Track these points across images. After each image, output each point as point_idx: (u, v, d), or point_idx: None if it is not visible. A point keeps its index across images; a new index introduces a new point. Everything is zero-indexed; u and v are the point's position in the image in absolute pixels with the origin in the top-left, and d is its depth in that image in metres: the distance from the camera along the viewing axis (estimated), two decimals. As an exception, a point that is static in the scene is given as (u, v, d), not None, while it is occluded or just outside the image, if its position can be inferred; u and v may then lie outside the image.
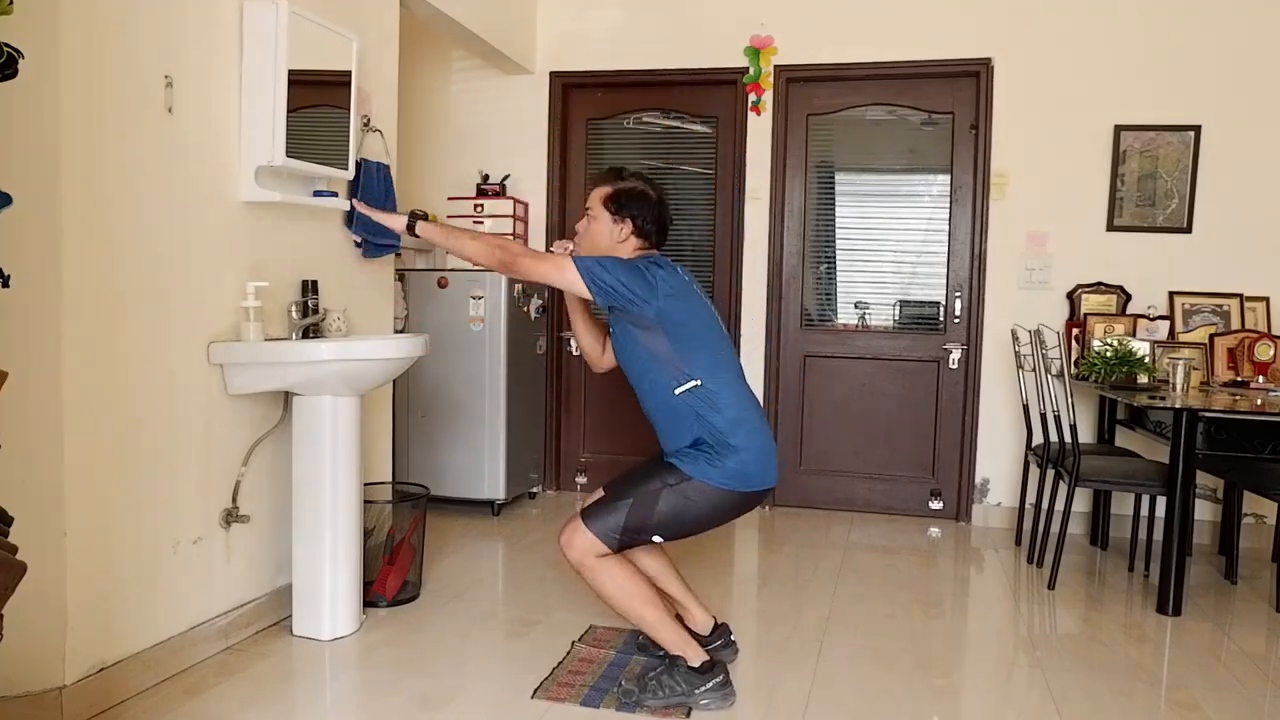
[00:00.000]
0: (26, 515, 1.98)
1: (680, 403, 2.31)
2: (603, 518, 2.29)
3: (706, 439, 2.29)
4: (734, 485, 2.28)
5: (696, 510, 2.29)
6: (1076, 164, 4.13)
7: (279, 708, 2.28)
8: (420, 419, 4.20)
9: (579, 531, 2.30)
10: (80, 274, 2.11)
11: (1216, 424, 3.04)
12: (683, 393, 2.30)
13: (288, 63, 2.58)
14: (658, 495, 2.28)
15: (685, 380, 2.30)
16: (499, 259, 2.35)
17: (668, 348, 2.30)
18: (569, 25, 4.61)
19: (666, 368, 2.31)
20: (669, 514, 2.28)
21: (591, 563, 2.29)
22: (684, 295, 2.32)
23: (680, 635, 2.36)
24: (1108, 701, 2.42)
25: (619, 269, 2.27)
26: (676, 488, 2.28)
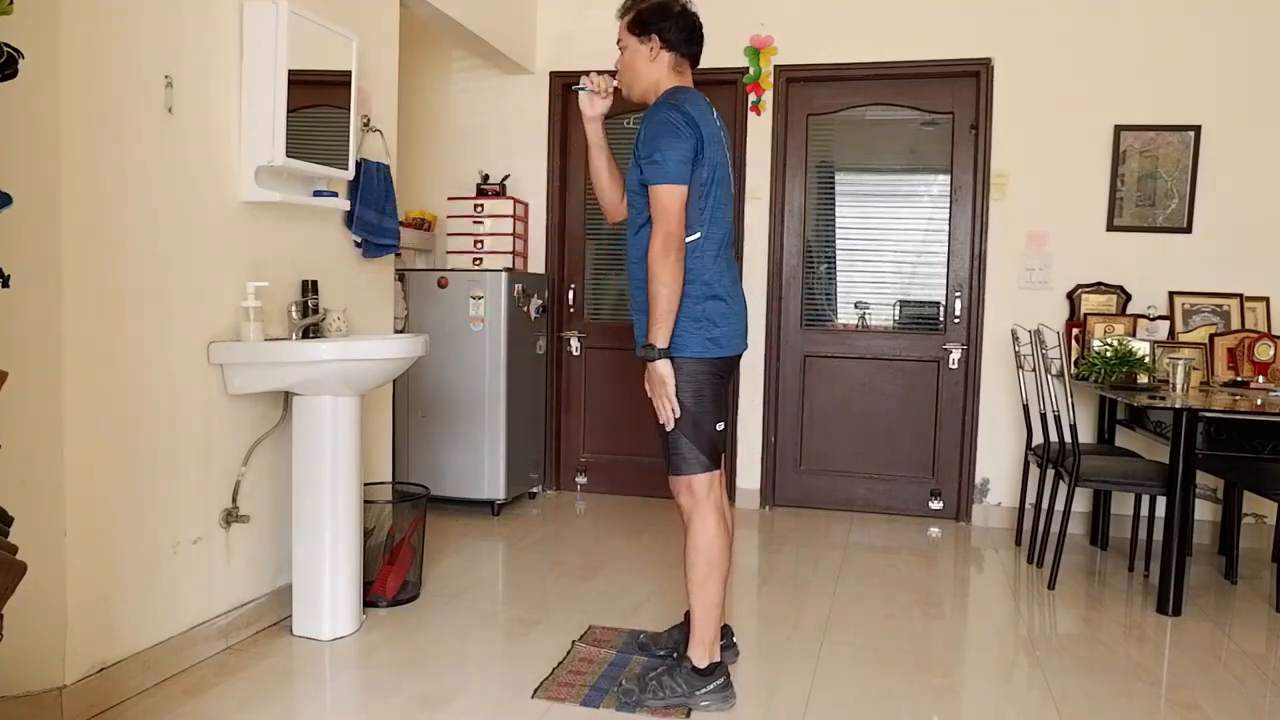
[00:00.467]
0: (26, 515, 1.98)
1: None
2: (675, 457, 2.31)
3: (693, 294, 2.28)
4: (702, 352, 2.28)
5: (702, 380, 2.29)
6: (1076, 164, 4.13)
7: (279, 708, 2.28)
8: (420, 419, 4.20)
9: (677, 480, 2.33)
10: (80, 274, 2.11)
11: (1216, 424, 3.04)
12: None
13: (288, 63, 2.58)
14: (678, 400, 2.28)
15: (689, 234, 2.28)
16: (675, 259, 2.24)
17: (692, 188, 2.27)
18: (569, 25, 4.62)
19: None
20: (695, 400, 2.28)
21: (705, 502, 2.30)
22: (719, 141, 2.35)
23: (717, 630, 2.35)
24: (1108, 701, 2.42)
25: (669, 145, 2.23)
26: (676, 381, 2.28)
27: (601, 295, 4.78)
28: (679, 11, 2.41)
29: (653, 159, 2.24)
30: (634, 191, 2.36)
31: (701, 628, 2.33)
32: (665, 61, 2.41)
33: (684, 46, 2.42)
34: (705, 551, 2.31)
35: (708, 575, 2.31)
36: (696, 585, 2.32)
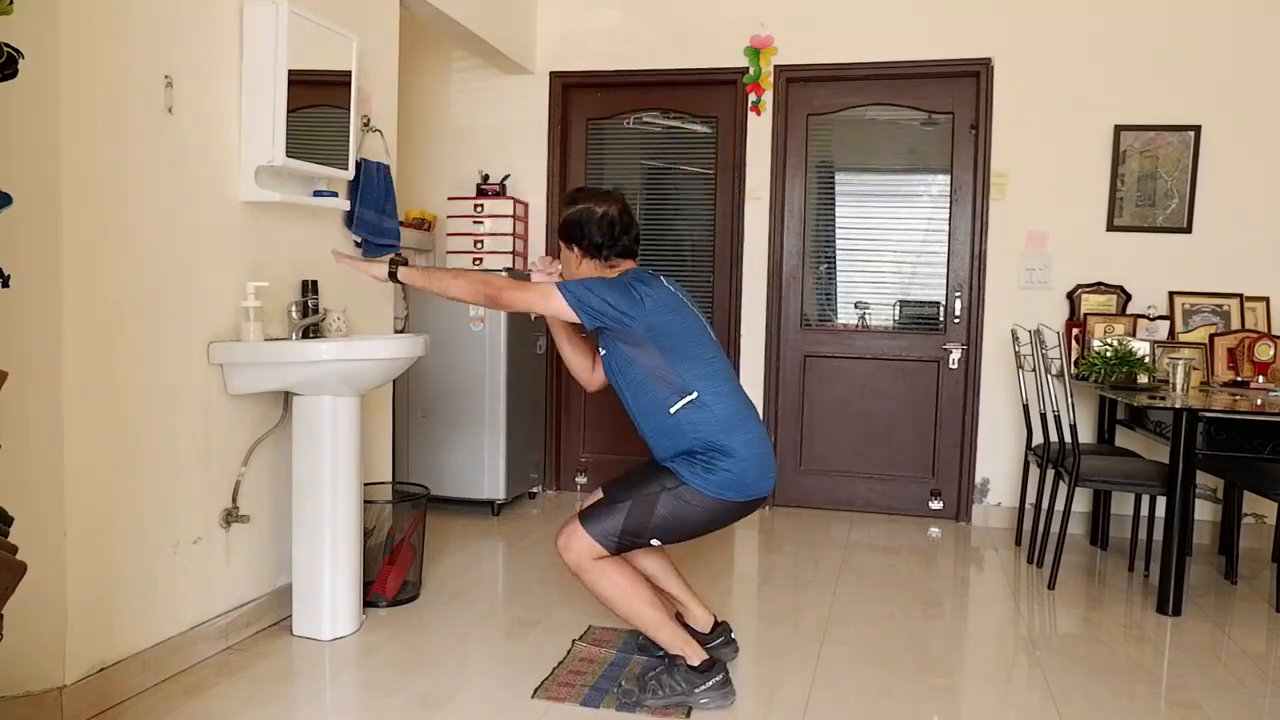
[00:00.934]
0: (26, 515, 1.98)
1: (677, 421, 2.30)
2: (601, 521, 2.29)
3: (701, 450, 2.29)
4: (731, 495, 2.28)
5: (694, 516, 2.29)
6: (1076, 164, 4.13)
7: (279, 708, 2.28)
8: (420, 419, 4.20)
9: (576, 534, 2.30)
10: (80, 274, 2.11)
11: (1216, 424, 3.04)
12: (679, 410, 2.29)
13: (288, 63, 2.58)
14: (656, 499, 2.28)
15: (681, 395, 2.29)
16: (484, 294, 2.33)
17: (661, 361, 2.29)
18: (569, 25, 4.61)
19: (661, 384, 2.30)
20: (668, 518, 2.28)
21: (589, 564, 2.29)
22: (671, 307, 2.32)
23: (679, 635, 2.36)
24: (1108, 701, 2.42)
25: (604, 288, 2.26)
26: (675, 492, 2.28)
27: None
28: (600, 215, 2.41)
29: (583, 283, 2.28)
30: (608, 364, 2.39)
31: (666, 643, 2.35)
32: (590, 267, 2.44)
33: (607, 249, 2.42)
34: (611, 596, 2.31)
35: (629, 610, 2.32)
36: (630, 619, 2.34)
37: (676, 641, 2.34)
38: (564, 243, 2.46)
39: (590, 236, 2.41)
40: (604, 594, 2.32)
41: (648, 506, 2.28)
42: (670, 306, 2.31)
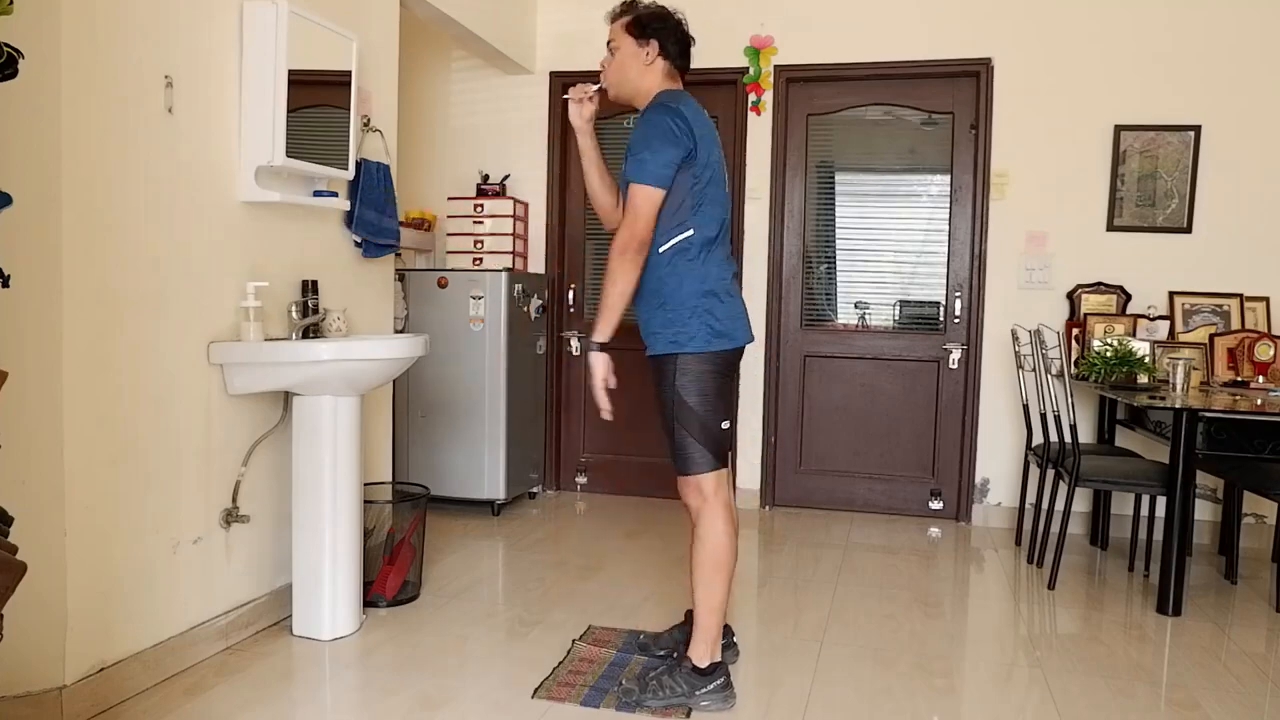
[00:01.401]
0: (26, 515, 1.98)
1: (660, 262, 2.30)
2: (683, 457, 2.32)
3: (672, 303, 2.29)
4: (705, 347, 2.28)
5: (706, 379, 2.29)
6: (1076, 164, 4.13)
7: (279, 708, 2.28)
8: (420, 419, 4.20)
9: (688, 482, 2.33)
10: (80, 274, 2.11)
11: (1216, 424, 3.04)
12: (666, 250, 2.29)
13: (288, 63, 2.58)
14: (680, 400, 2.29)
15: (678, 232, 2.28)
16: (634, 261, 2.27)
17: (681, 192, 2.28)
18: (569, 25, 4.61)
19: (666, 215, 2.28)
20: (699, 398, 2.28)
21: (712, 501, 2.31)
22: (711, 140, 2.34)
23: (720, 632, 2.35)
24: (1108, 701, 2.42)
25: (659, 147, 2.23)
26: (678, 381, 2.29)
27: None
28: (676, 23, 2.42)
29: (639, 157, 2.25)
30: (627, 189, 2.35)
31: (705, 627, 2.33)
32: (660, 68, 2.42)
33: (678, 58, 2.44)
34: (713, 551, 2.31)
35: (713, 575, 2.31)
36: (702, 585, 2.32)
37: (715, 635, 2.33)
38: (637, 37, 2.39)
39: (670, 39, 2.40)
40: (711, 537, 2.31)
41: (684, 412, 2.29)
42: (711, 139, 2.34)
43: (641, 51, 2.40)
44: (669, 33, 2.40)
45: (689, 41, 2.46)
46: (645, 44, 2.40)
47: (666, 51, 2.41)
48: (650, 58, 2.40)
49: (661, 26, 2.39)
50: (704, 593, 2.32)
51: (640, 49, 2.40)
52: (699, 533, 2.33)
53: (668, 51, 2.41)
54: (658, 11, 2.41)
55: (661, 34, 2.39)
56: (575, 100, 2.50)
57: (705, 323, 2.29)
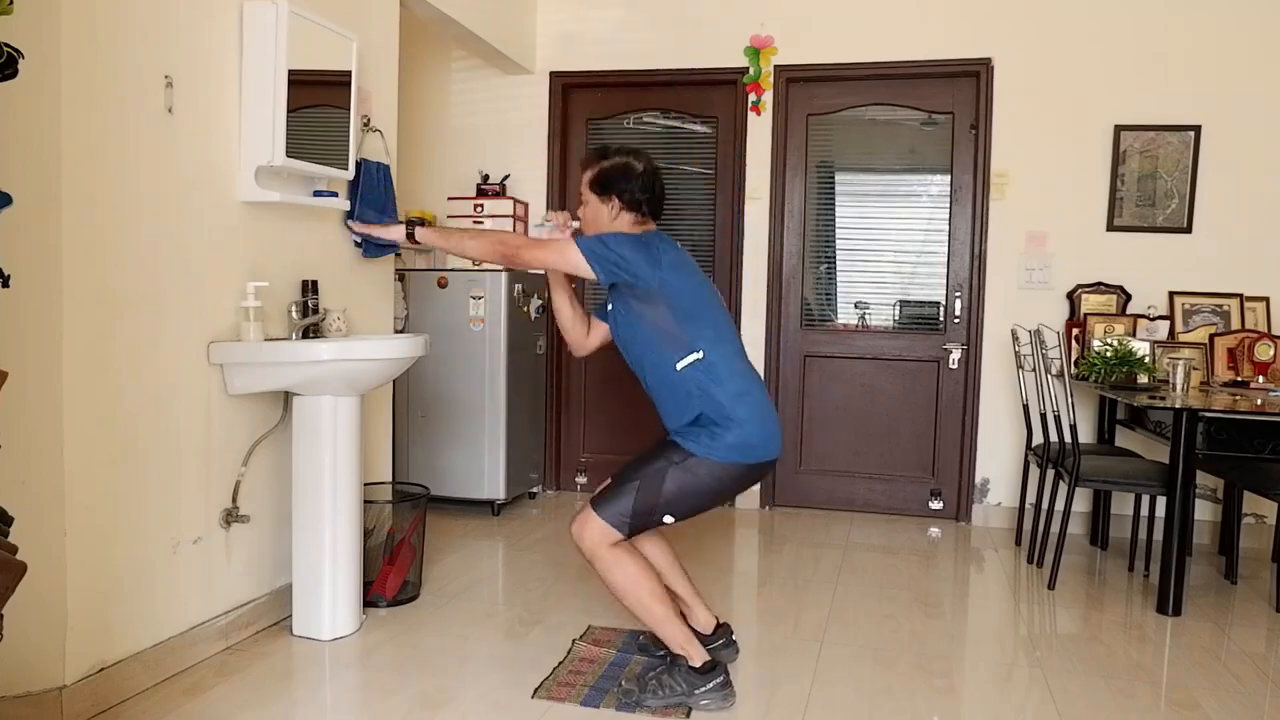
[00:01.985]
0: (26, 515, 1.98)
1: (682, 378, 2.31)
2: (612, 503, 2.30)
3: (708, 414, 2.29)
4: (738, 458, 2.28)
5: (703, 486, 2.29)
6: (1076, 164, 4.13)
7: (279, 708, 2.28)
8: (420, 419, 4.20)
9: (590, 520, 2.31)
10: (80, 274, 2.11)
11: (1216, 424, 3.04)
12: (685, 367, 2.30)
13: (288, 63, 2.58)
14: (664, 474, 2.28)
15: (687, 353, 2.30)
16: (500, 253, 2.39)
17: (670, 320, 2.30)
18: (569, 25, 4.61)
19: (669, 341, 2.31)
20: (676, 492, 2.28)
21: (604, 552, 2.29)
22: (686, 269, 2.35)
23: (684, 633, 2.36)
24: (1108, 701, 2.42)
25: (621, 243, 2.28)
26: (682, 465, 2.28)
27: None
28: (642, 172, 2.43)
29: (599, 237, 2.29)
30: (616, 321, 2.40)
31: (669, 638, 2.35)
32: (626, 220, 2.44)
33: (645, 206, 2.44)
34: (622, 585, 2.31)
35: (638, 600, 2.32)
36: (636, 612, 2.34)
37: (680, 640, 2.34)
38: (599, 194, 2.44)
39: (634, 190, 2.41)
40: (616, 584, 2.31)
41: (656, 483, 2.28)
42: (686, 269, 2.34)
43: (606, 208, 2.44)
44: (631, 187, 2.41)
45: (657, 188, 2.45)
46: (608, 200, 2.43)
47: (629, 205, 2.42)
48: (615, 213, 2.43)
49: (623, 182, 2.41)
50: (642, 617, 2.35)
51: (603, 205, 2.44)
52: (601, 575, 2.33)
53: (632, 204, 2.42)
54: (619, 165, 2.43)
55: (622, 189, 2.41)
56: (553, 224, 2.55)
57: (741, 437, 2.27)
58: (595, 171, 2.45)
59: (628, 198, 2.41)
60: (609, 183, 2.42)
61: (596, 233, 2.43)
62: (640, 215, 2.44)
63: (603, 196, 2.43)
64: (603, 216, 2.45)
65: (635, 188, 2.41)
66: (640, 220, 2.45)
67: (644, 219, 2.46)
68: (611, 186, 2.42)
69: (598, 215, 2.46)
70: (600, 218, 2.45)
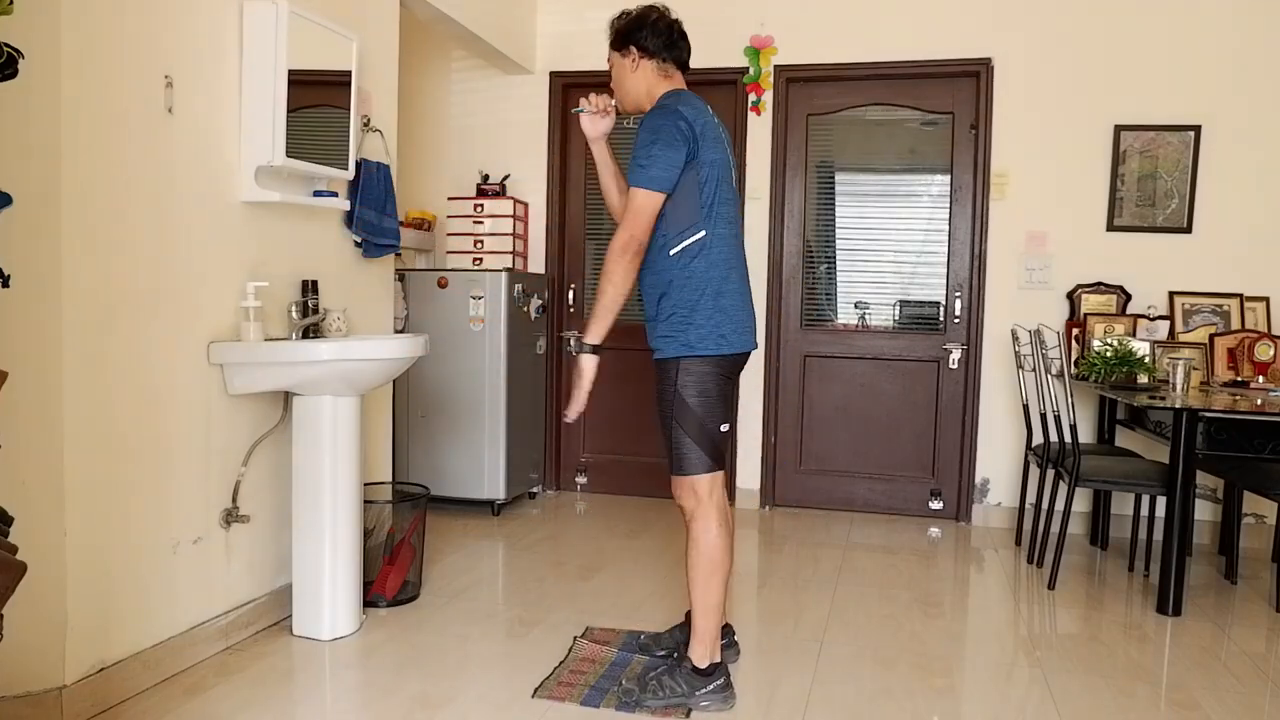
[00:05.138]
0: (26, 515, 1.98)
1: (669, 265, 2.29)
2: (679, 457, 2.31)
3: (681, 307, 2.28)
4: (714, 349, 2.28)
5: (708, 381, 2.29)
6: (1076, 164, 4.13)
7: (279, 708, 2.28)
8: (420, 419, 4.20)
9: (682, 483, 2.32)
10: (80, 274, 2.11)
11: (1216, 424, 3.04)
12: (676, 253, 2.29)
13: (288, 63, 2.58)
14: (680, 401, 2.29)
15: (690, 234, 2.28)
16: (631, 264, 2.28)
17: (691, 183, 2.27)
18: (569, 25, 4.62)
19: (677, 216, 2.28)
20: (699, 400, 2.28)
21: (708, 504, 2.30)
22: (715, 139, 2.32)
23: (718, 631, 2.35)
24: (1108, 701, 2.42)
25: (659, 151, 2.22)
26: (679, 381, 2.29)
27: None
28: (655, 19, 2.41)
29: (639, 162, 2.25)
30: None
31: (702, 629, 2.33)
32: (648, 69, 2.41)
33: (664, 51, 2.41)
34: (707, 552, 2.30)
35: (709, 576, 2.31)
36: (698, 586, 2.32)
37: (713, 634, 2.33)
38: (619, 50, 2.41)
39: (648, 37, 2.39)
40: (705, 547, 2.30)
41: (683, 411, 2.29)
42: (714, 139, 2.32)
43: (626, 61, 2.42)
44: (646, 32, 2.39)
45: (674, 33, 2.43)
46: (626, 53, 2.41)
47: (647, 51, 2.40)
48: (634, 64, 2.41)
49: (636, 29, 2.40)
50: (700, 594, 2.32)
51: (624, 59, 2.42)
52: (692, 535, 2.33)
53: (650, 51, 2.40)
54: (634, 16, 2.42)
55: (637, 37, 2.39)
56: (590, 112, 2.50)
57: (713, 327, 2.28)
58: (610, 34, 2.43)
59: (643, 43, 2.38)
60: (625, 35, 2.40)
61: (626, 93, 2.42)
62: (660, 62, 2.41)
63: (622, 51, 2.41)
64: (625, 73, 2.41)
65: (649, 32, 2.39)
66: (661, 69, 2.42)
67: (665, 66, 2.42)
68: (628, 38, 2.40)
69: (622, 75, 2.42)
70: (623, 74, 2.42)
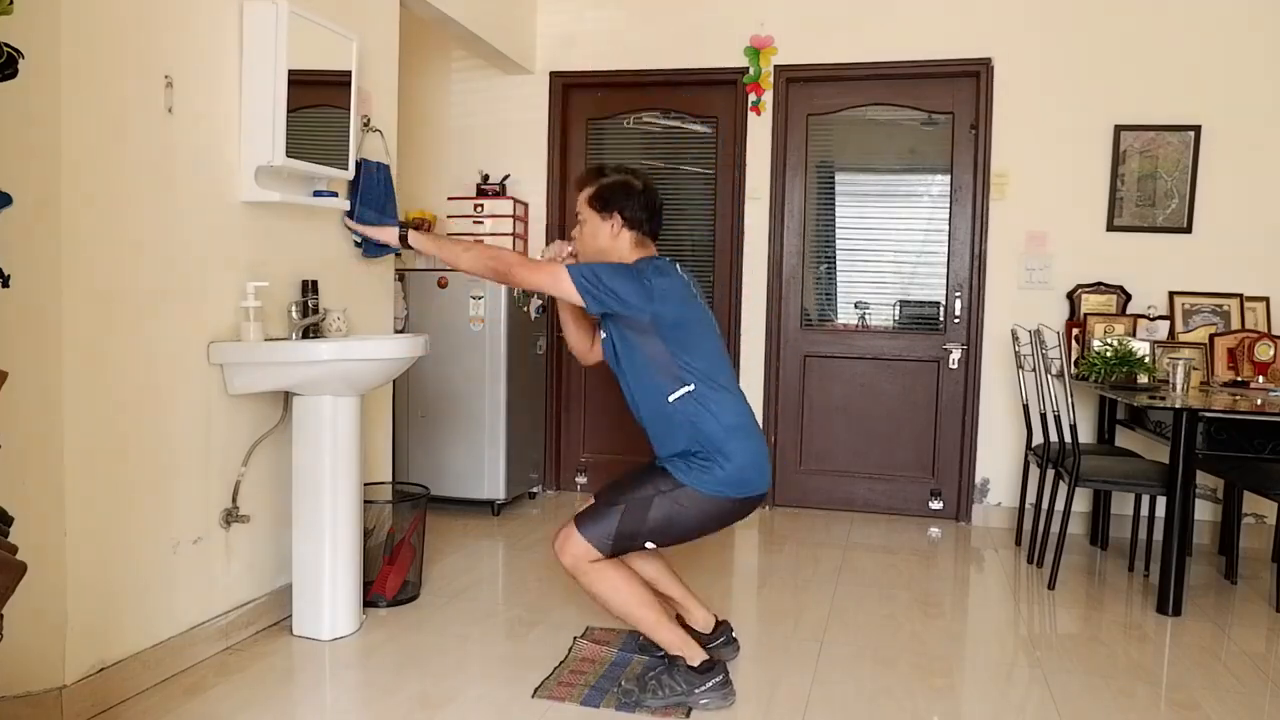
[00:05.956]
0: (26, 515, 1.98)
1: (674, 410, 2.30)
2: (596, 524, 2.30)
3: (699, 447, 2.29)
4: (727, 492, 2.28)
5: (689, 517, 2.29)
6: (1076, 164, 4.13)
7: (279, 708, 2.28)
8: (420, 419, 4.20)
9: (572, 537, 2.30)
10: (80, 274, 2.11)
11: (1216, 424, 3.04)
12: (676, 400, 2.29)
13: (288, 63, 2.58)
14: (650, 502, 2.28)
15: (679, 386, 2.29)
16: (493, 269, 2.37)
17: (663, 351, 2.29)
18: (569, 25, 4.62)
19: (661, 373, 2.30)
20: (661, 521, 2.28)
21: (585, 568, 2.29)
22: (681, 299, 2.32)
23: (679, 635, 2.36)
24: (1108, 701, 2.42)
25: (614, 276, 2.25)
26: (669, 495, 2.28)
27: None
28: (641, 190, 2.41)
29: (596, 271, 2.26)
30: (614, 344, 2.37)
31: (665, 643, 2.35)
32: (627, 239, 2.42)
33: (645, 225, 2.42)
34: (608, 599, 2.32)
35: (626, 612, 2.33)
36: (628, 620, 2.35)
37: (675, 641, 2.34)
38: (599, 210, 2.41)
39: (634, 208, 2.40)
40: (600, 595, 2.32)
41: (641, 510, 2.28)
42: (680, 299, 2.31)
43: (606, 225, 2.41)
44: (632, 204, 2.39)
45: (656, 207, 2.44)
46: (609, 217, 2.40)
47: (631, 222, 2.40)
48: (615, 230, 2.41)
49: (624, 198, 2.39)
50: (633, 624, 2.36)
51: (604, 222, 2.41)
52: (587, 589, 2.33)
53: (633, 222, 2.40)
54: (620, 182, 2.41)
55: (624, 206, 2.39)
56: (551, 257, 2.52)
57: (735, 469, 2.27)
58: (595, 188, 2.42)
59: (628, 214, 2.39)
60: (610, 199, 2.40)
61: (596, 252, 2.42)
62: (640, 234, 2.43)
63: (603, 214, 2.41)
64: (602, 235, 2.41)
65: (636, 205, 2.40)
66: (639, 240, 2.43)
67: (643, 238, 2.44)
68: (612, 203, 2.40)
69: (596, 233, 2.42)
70: (599, 236, 2.42)
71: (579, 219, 2.47)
